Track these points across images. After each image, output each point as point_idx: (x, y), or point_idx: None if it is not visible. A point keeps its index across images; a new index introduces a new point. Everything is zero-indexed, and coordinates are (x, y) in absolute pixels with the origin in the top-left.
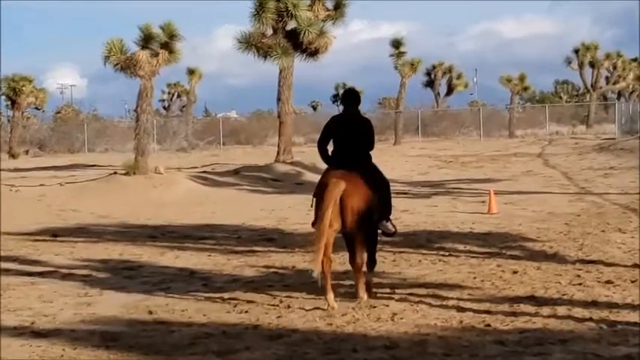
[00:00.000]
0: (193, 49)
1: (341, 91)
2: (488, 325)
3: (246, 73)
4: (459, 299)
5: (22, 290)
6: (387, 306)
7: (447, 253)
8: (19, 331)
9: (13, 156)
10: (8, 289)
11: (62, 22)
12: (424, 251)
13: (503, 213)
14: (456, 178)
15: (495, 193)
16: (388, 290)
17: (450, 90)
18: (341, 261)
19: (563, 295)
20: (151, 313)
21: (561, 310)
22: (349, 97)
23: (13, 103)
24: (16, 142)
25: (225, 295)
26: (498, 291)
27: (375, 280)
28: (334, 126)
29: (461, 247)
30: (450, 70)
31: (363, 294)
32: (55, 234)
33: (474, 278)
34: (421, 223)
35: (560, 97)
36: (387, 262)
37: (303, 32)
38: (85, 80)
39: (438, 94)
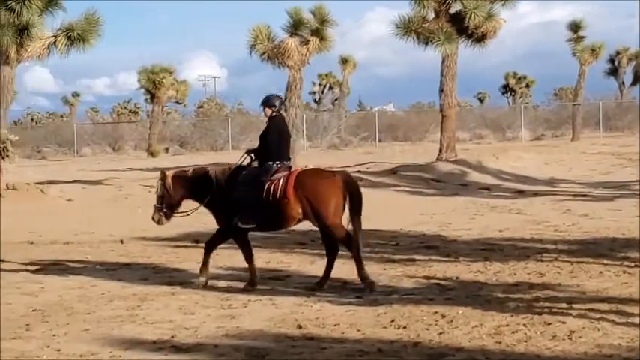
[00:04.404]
0: (343, 34)
1: (511, 81)
2: None
3: (398, 62)
4: None
5: (162, 300)
6: (564, 323)
7: (633, 264)
8: (158, 346)
9: (152, 154)
10: (147, 299)
11: (195, 5)
12: (606, 261)
13: None
14: None
15: None
16: (565, 305)
17: (637, 79)
18: (510, 272)
19: None
20: (300, 327)
21: None
22: (281, 102)
23: (153, 97)
24: (155, 139)
25: (382, 309)
26: None
27: (551, 293)
28: (284, 128)
29: None
30: (636, 56)
31: None
32: (196, 240)
33: None
34: (603, 230)
35: None
36: (564, 273)
37: (469, 15)
38: (225, 71)
39: (623, 83)
